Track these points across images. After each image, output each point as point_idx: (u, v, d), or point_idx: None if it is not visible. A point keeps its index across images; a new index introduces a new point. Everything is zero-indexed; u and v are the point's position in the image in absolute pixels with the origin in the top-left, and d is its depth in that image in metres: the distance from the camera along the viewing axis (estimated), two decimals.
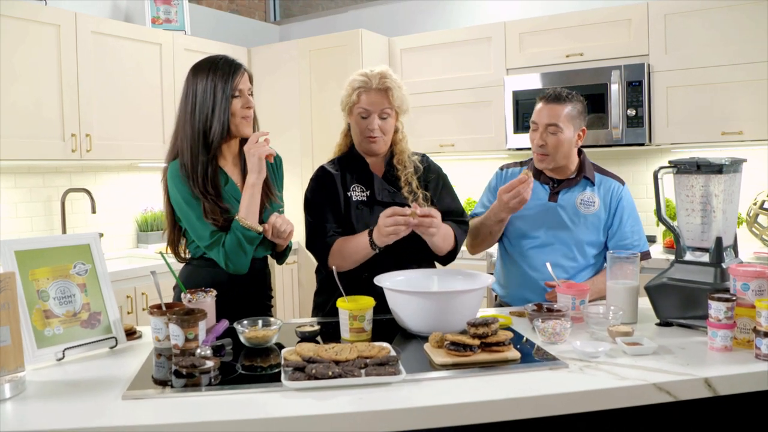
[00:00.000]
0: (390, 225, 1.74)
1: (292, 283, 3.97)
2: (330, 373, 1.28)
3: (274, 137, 4.03)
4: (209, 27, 4.25)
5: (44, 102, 2.97)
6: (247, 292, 1.90)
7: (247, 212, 1.76)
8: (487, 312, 1.87)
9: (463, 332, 1.49)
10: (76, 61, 3.07)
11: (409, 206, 1.92)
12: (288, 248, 1.95)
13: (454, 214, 2.01)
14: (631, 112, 3.15)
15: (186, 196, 1.77)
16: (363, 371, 1.32)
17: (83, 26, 3.10)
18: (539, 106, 2.02)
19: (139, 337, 1.74)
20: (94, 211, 3.24)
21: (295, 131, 4.01)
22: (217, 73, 1.78)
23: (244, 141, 1.89)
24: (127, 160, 3.43)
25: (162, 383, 1.36)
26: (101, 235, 3.44)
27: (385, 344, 1.48)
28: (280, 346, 1.57)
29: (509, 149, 3.54)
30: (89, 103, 3.14)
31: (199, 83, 1.79)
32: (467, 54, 3.69)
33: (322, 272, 1.98)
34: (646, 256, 2.04)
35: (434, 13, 4.20)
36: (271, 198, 1.89)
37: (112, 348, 1.61)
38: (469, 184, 3.94)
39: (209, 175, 1.79)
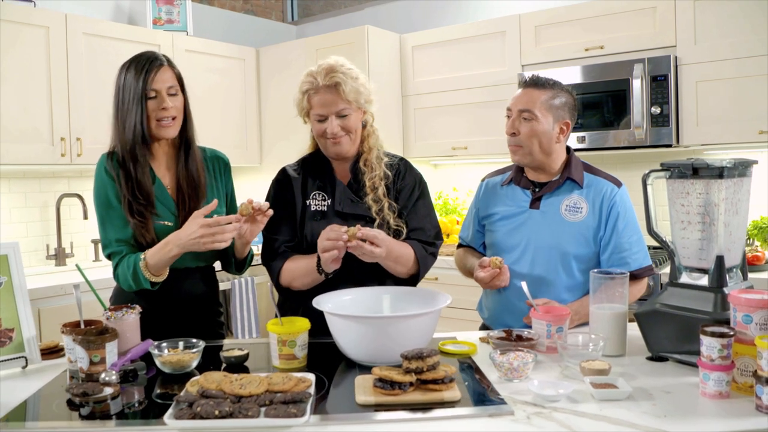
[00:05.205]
0: (328, 248, 1.54)
1: None
2: (216, 412, 1.08)
3: (283, 138, 3.96)
4: (220, 28, 4.14)
5: (33, 105, 2.89)
6: (192, 311, 1.75)
7: (156, 262, 1.59)
8: (465, 336, 1.64)
9: (400, 366, 1.26)
10: (67, 63, 2.99)
11: (371, 217, 1.72)
12: (249, 256, 1.79)
13: (422, 233, 1.75)
14: (656, 109, 2.81)
15: (106, 193, 1.65)
16: (263, 410, 1.12)
17: (74, 28, 3.02)
18: (517, 91, 1.77)
19: (63, 355, 1.59)
20: (86, 217, 3.16)
21: (303, 132, 3.83)
22: (132, 71, 1.65)
23: (181, 142, 1.75)
24: None
25: (75, 408, 1.23)
26: (96, 241, 3.43)
27: (309, 376, 1.27)
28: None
29: None
30: (80, 106, 3.05)
31: (120, 79, 1.67)
32: (480, 50, 3.43)
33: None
34: (647, 271, 1.75)
35: (450, 8, 3.96)
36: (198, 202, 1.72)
37: (24, 368, 1.48)
38: None
39: (137, 176, 1.65)
